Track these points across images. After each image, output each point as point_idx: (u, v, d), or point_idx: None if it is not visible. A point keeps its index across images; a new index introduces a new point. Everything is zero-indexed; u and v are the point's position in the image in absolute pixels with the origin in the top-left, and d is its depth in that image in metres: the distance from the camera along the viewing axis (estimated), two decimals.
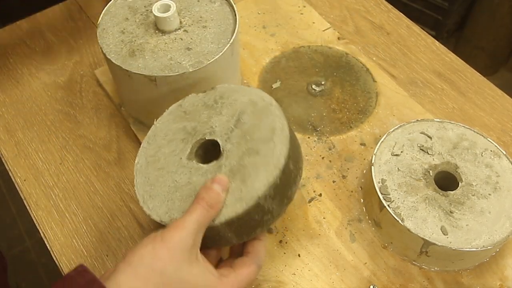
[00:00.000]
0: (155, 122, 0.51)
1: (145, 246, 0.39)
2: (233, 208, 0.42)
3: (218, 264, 0.47)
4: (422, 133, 0.58)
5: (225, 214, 0.42)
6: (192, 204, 0.42)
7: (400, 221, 0.51)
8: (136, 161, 0.49)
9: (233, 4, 0.61)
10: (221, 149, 0.46)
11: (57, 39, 0.79)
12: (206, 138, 0.48)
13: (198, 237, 0.41)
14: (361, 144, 0.64)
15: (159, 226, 0.44)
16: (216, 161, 0.46)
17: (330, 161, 0.62)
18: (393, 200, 0.53)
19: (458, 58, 0.75)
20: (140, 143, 0.56)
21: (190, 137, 0.48)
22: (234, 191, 0.43)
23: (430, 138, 0.58)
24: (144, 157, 0.49)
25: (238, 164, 0.45)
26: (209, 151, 0.49)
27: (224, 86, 0.51)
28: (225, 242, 0.45)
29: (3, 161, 0.65)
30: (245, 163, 0.44)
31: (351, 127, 0.66)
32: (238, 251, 0.47)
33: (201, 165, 0.46)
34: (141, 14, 0.61)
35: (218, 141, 0.47)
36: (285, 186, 0.45)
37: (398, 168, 0.55)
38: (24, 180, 0.63)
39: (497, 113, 0.68)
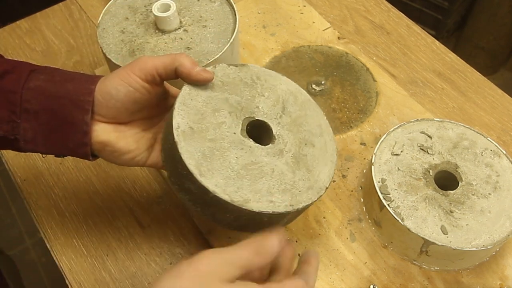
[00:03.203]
0: (184, 85, 0.44)
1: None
2: (307, 195, 0.42)
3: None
4: (422, 132, 0.58)
5: (302, 201, 0.41)
6: (245, 244, 0.35)
7: (400, 221, 0.51)
8: (175, 124, 0.41)
9: (233, 3, 0.61)
10: (274, 132, 0.45)
11: (57, 39, 0.79)
12: (256, 118, 0.45)
13: (232, 275, 0.34)
14: (361, 144, 0.64)
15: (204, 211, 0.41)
16: (272, 144, 0.44)
17: None
18: (393, 200, 0.53)
19: (458, 57, 0.75)
20: None
21: (238, 112, 0.44)
22: (304, 179, 0.42)
23: (430, 137, 0.58)
24: (186, 121, 0.42)
25: (299, 152, 0.44)
26: (254, 131, 0.45)
27: (256, 66, 0.48)
28: (264, 228, 0.38)
29: (3, 161, 0.65)
30: (305, 152, 0.44)
31: (351, 126, 0.66)
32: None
33: (260, 145, 0.43)
34: (141, 14, 0.61)
35: (270, 124, 0.45)
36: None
37: (398, 168, 0.55)
38: (24, 180, 0.63)
39: (497, 112, 0.68)
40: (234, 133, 0.43)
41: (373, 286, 0.52)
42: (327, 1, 0.83)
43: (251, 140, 0.43)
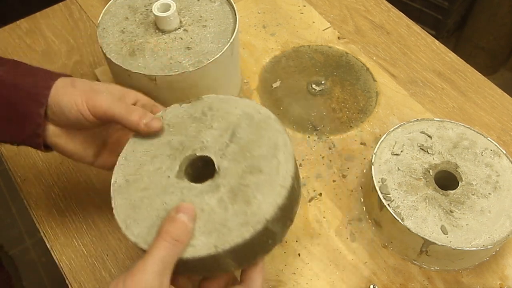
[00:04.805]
0: (131, 136, 0.46)
1: None
2: (238, 233, 0.38)
3: None
4: (422, 132, 0.58)
5: (230, 240, 0.38)
6: (154, 239, 0.37)
7: (400, 221, 0.51)
8: (112, 180, 0.44)
9: (233, 3, 0.61)
10: (216, 166, 0.42)
11: (57, 39, 0.79)
12: (197, 154, 0.43)
13: (166, 277, 0.36)
14: (361, 144, 0.64)
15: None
16: (211, 180, 0.41)
17: (330, 160, 0.62)
18: (393, 200, 0.53)
19: (458, 57, 0.75)
20: None
21: (178, 153, 0.44)
22: (238, 214, 0.39)
23: (430, 137, 0.58)
24: (123, 175, 0.44)
25: (239, 183, 0.40)
26: (199, 169, 0.45)
27: (212, 96, 0.47)
28: (222, 271, 0.41)
29: (3, 161, 0.65)
30: (247, 182, 0.40)
31: (351, 126, 0.66)
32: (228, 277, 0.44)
33: (194, 184, 0.42)
34: (141, 14, 0.61)
35: (212, 157, 0.42)
36: (290, 207, 0.42)
37: (398, 168, 0.55)
38: (24, 180, 0.63)
39: (497, 112, 0.68)
40: (169, 176, 0.42)
41: (373, 286, 0.52)
42: (327, 1, 0.83)
43: (185, 180, 0.42)
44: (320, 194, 0.59)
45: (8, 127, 0.44)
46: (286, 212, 0.41)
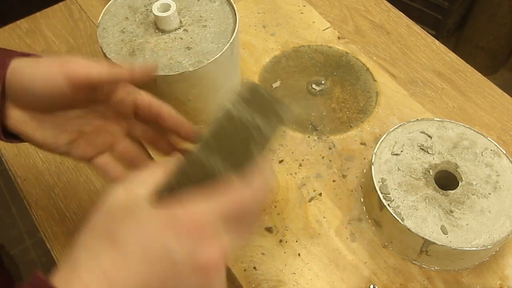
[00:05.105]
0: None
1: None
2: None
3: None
4: (422, 132, 0.58)
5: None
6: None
7: (400, 221, 0.51)
8: None
9: (233, 3, 0.61)
10: None
11: (57, 39, 0.79)
12: None
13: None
14: (361, 144, 0.64)
15: None
16: None
17: (330, 160, 0.62)
18: (393, 200, 0.53)
19: (458, 57, 0.75)
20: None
21: None
22: None
23: (430, 137, 0.58)
24: None
25: None
26: None
27: None
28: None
29: (3, 161, 0.65)
30: None
31: (351, 126, 0.66)
32: None
33: None
34: (141, 14, 0.61)
35: None
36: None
37: (398, 168, 0.55)
38: (24, 180, 0.63)
39: (497, 112, 0.68)
40: None
41: (373, 286, 0.52)
42: (327, 1, 0.83)
43: None
44: (320, 194, 0.59)
45: None
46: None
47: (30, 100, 0.38)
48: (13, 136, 0.41)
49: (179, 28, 0.59)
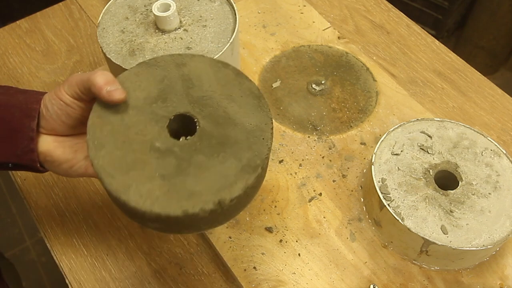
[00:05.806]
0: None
1: None
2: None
3: None
4: (422, 132, 0.58)
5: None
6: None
7: (400, 220, 0.51)
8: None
9: (233, 3, 0.61)
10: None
11: (57, 38, 0.79)
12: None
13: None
14: (361, 144, 0.64)
15: None
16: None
17: (330, 160, 0.62)
18: (393, 199, 0.53)
19: (458, 57, 0.75)
20: None
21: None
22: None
23: (430, 137, 0.58)
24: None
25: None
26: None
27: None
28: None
29: None
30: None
31: (351, 126, 0.66)
32: None
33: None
34: (141, 14, 0.61)
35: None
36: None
37: (398, 167, 0.55)
38: (24, 180, 0.63)
39: (497, 112, 0.68)
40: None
41: (373, 285, 0.52)
42: (327, 0, 0.83)
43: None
44: (320, 194, 0.59)
45: (2, 146, 0.44)
46: None
47: (54, 122, 0.44)
48: (42, 167, 0.46)
49: (179, 28, 0.59)
